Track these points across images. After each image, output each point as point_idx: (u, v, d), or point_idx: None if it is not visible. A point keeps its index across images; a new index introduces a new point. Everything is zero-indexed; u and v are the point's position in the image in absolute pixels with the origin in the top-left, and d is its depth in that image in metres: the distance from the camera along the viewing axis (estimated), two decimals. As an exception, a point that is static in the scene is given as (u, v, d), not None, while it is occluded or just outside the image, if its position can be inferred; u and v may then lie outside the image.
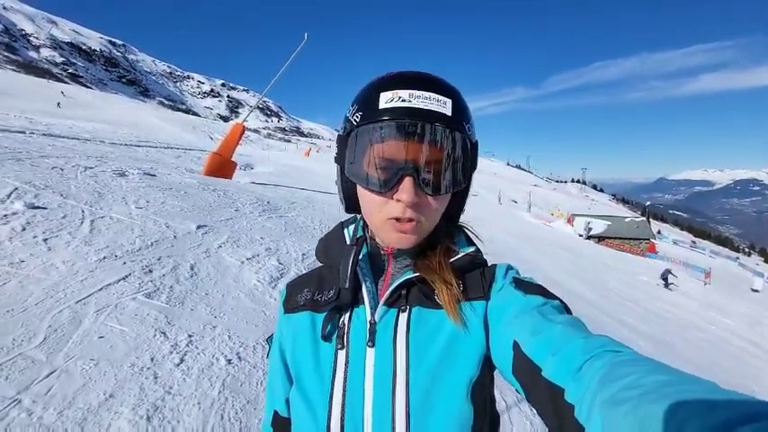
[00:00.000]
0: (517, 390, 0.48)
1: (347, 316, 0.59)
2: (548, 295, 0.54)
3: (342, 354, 0.57)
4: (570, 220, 39.92)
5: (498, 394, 2.31)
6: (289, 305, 0.68)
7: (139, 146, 10.58)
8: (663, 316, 8.71)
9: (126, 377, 1.78)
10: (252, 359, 2.13)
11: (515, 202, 60.99)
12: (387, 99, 0.53)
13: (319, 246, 0.71)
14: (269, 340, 0.71)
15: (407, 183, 0.52)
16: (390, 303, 0.58)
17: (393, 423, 0.52)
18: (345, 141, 0.58)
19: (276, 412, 0.65)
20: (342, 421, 0.54)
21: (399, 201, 0.53)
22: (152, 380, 1.80)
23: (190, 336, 2.19)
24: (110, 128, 16.67)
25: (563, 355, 0.41)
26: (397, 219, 0.55)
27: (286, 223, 5.15)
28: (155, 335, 2.12)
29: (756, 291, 23.08)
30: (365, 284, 0.60)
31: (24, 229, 2.95)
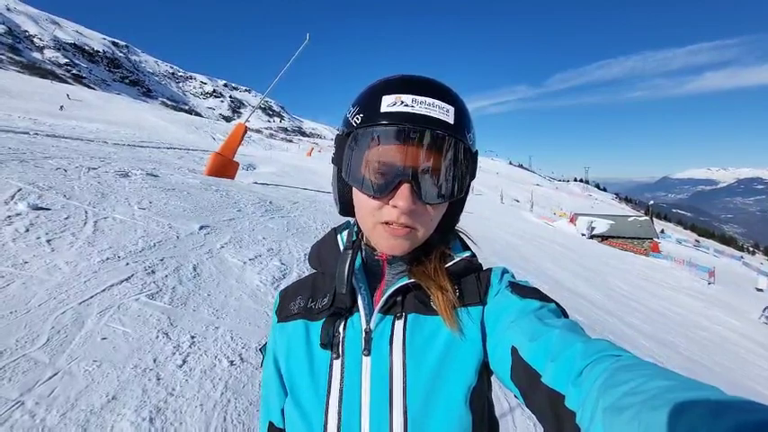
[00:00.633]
0: (516, 396, 0.47)
1: (342, 324, 0.58)
2: (544, 299, 0.54)
3: (337, 363, 0.56)
4: (573, 220, 39.79)
5: (501, 396, 2.31)
6: (282, 314, 0.67)
7: (142, 146, 10.61)
8: (667, 315, 8.66)
9: (129, 379, 1.78)
10: (254, 360, 2.13)
11: (517, 202, 60.87)
12: (389, 103, 0.52)
13: (312, 252, 0.70)
14: (262, 349, 0.70)
15: (404, 189, 0.52)
16: (386, 310, 0.57)
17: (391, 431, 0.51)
18: (344, 142, 0.57)
19: (272, 423, 0.64)
20: (338, 431, 0.53)
21: (395, 207, 0.52)
22: (155, 381, 1.80)
23: (192, 337, 2.19)
24: (113, 128, 16.73)
25: (562, 361, 0.40)
26: (390, 222, 0.54)
27: (288, 223, 5.15)
28: (157, 336, 2.12)
29: (761, 290, 22.96)
30: (360, 291, 0.59)
31: (28, 230, 2.95)
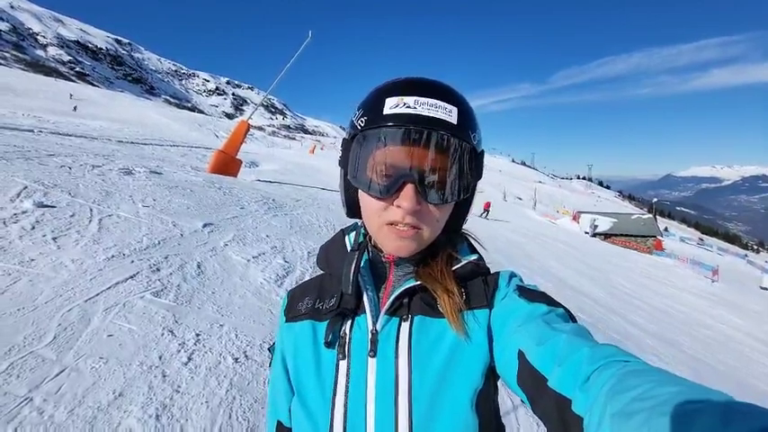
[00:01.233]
0: (522, 400, 0.47)
1: (348, 325, 0.58)
2: (552, 303, 0.53)
3: (343, 364, 0.56)
4: (576, 218, 39.64)
5: (504, 394, 2.31)
6: (290, 314, 0.67)
7: (146, 144, 10.64)
8: (670, 314, 8.63)
9: (135, 376, 1.79)
10: (259, 358, 2.14)
11: (520, 199, 60.71)
12: (392, 105, 0.53)
13: (320, 253, 0.71)
14: (271, 349, 0.71)
15: (409, 190, 0.52)
16: (392, 312, 0.57)
17: None
18: (349, 145, 0.58)
19: (280, 422, 0.65)
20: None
21: (399, 207, 0.53)
22: (160, 378, 1.81)
23: (197, 334, 2.21)
24: (116, 126, 16.80)
25: (569, 366, 0.40)
26: (396, 223, 0.54)
27: (291, 221, 5.17)
28: (162, 333, 2.14)
29: (765, 288, 22.82)
30: (366, 293, 0.59)
31: (34, 228, 2.98)
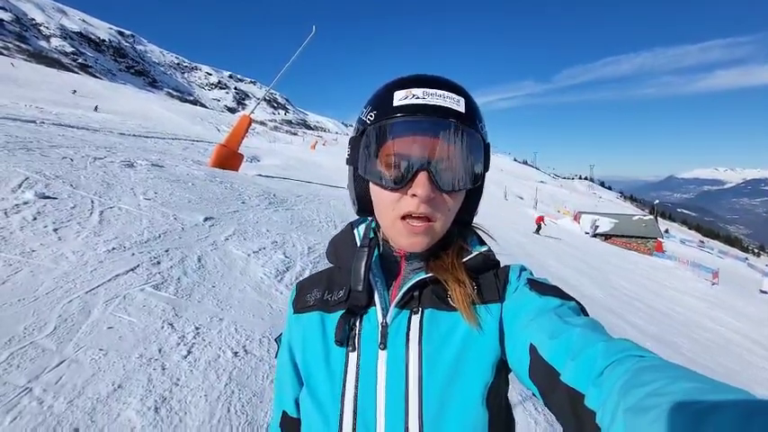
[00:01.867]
0: (534, 393, 0.47)
1: (358, 318, 0.59)
2: (564, 296, 0.53)
3: (353, 356, 0.57)
4: (577, 218, 39.59)
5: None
6: (298, 305, 0.68)
7: (147, 137, 10.63)
8: (669, 315, 8.63)
9: (134, 368, 1.80)
10: (258, 352, 2.15)
11: (521, 199, 60.63)
12: (401, 97, 0.54)
13: (329, 248, 0.71)
14: (278, 340, 0.71)
15: (422, 177, 0.52)
16: (402, 305, 0.58)
17: (406, 426, 0.51)
18: (358, 142, 0.58)
19: (285, 412, 0.65)
20: (354, 423, 0.53)
21: (414, 196, 0.53)
22: (160, 371, 1.82)
23: (197, 328, 2.21)
24: (118, 118, 16.78)
25: (583, 360, 0.40)
26: (411, 215, 0.54)
27: (292, 216, 5.16)
28: (162, 326, 2.14)
29: (765, 292, 22.78)
30: (376, 286, 0.59)
31: (35, 219, 2.98)
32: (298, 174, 11.25)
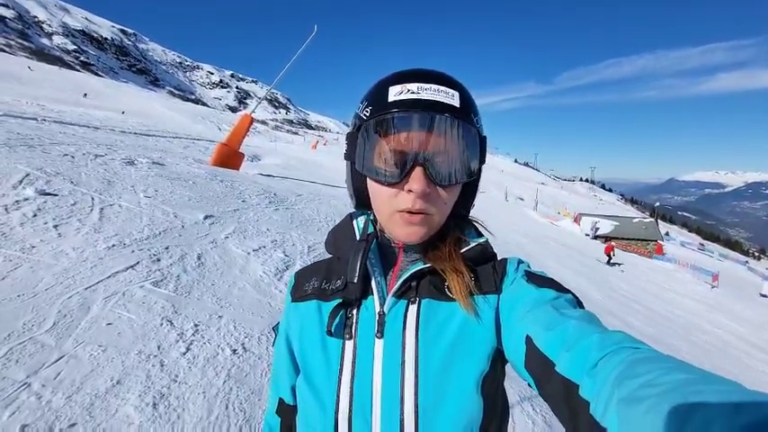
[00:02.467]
0: (529, 384, 0.47)
1: (355, 307, 0.59)
2: (560, 289, 0.53)
3: (350, 344, 0.57)
4: (577, 220, 39.57)
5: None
6: (296, 294, 0.68)
7: (149, 135, 10.65)
8: (669, 318, 8.63)
9: (133, 364, 1.80)
10: (257, 350, 2.15)
11: (522, 200, 60.57)
12: (395, 92, 0.54)
13: (329, 237, 0.72)
14: (275, 329, 0.72)
15: (418, 172, 0.52)
16: (400, 295, 0.58)
17: (402, 413, 0.52)
18: (355, 137, 0.58)
19: (282, 400, 0.66)
20: (350, 410, 0.54)
21: (410, 191, 0.53)
22: (158, 368, 1.82)
23: (196, 325, 2.21)
24: (120, 116, 16.79)
25: (578, 351, 0.40)
26: (408, 211, 0.54)
27: (292, 215, 5.17)
28: (161, 323, 2.15)
29: (765, 296, 22.73)
30: (374, 276, 0.60)
31: (36, 215, 2.98)
32: (298, 173, 11.26)
